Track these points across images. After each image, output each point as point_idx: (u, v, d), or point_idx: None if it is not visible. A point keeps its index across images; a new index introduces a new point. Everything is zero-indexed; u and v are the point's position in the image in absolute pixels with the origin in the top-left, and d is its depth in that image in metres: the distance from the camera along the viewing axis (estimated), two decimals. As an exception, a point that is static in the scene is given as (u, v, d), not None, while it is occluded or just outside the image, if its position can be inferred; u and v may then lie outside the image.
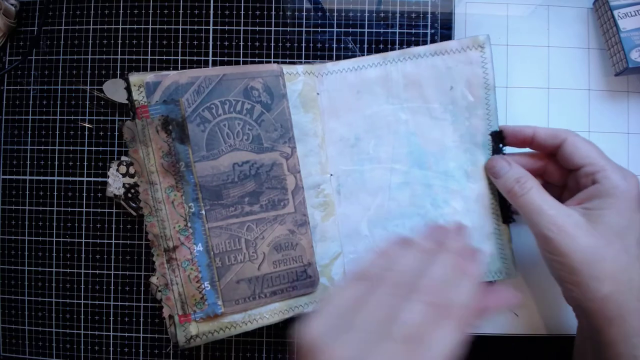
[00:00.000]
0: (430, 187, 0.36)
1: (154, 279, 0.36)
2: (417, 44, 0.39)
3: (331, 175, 0.37)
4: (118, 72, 0.39)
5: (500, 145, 0.35)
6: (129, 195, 0.35)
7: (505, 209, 0.36)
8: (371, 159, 0.37)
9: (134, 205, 0.34)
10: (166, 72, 0.34)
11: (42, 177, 0.40)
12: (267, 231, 0.35)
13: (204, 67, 0.38)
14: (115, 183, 0.36)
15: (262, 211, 0.35)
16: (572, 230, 0.30)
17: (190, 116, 0.34)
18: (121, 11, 0.40)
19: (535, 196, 0.31)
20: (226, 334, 0.34)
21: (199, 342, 0.34)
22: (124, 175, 0.36)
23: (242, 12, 0.39)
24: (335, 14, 0.39)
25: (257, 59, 0.39)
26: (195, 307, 0.33)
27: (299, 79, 0.36)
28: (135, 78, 0.33)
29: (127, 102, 0.34)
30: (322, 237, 0.36)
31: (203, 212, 0.34)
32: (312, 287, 0.35)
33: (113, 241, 0.39)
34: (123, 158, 0.37)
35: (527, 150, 0.35)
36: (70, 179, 0.40)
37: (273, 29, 0.39)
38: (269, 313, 0.35)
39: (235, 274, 0.34)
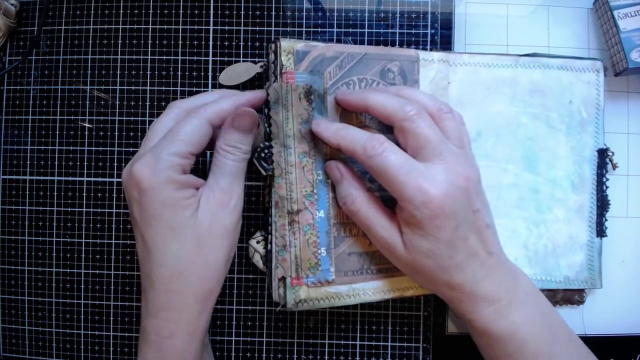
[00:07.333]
0: (538, 192, 0.37)
1: (253, 242, 0.36)
2: (417, 44, 0.39)
3: None
4: (118, 72, 0.39)
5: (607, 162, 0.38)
6: (262, 155, 0.34)
7: (601, 224, 0.37)
8: (488, 156, 0.37)
9: (265, 165, 0.34)
10: (315, 43, 0.35)
11: (42, 177, 0.40)
12: None
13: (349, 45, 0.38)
14: None
15: (380, 189, 0.35)
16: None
17: (330, 89, 0.35)
18: (121, 11, 0.40)
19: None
20: (330, 304, 0.34)
21: (305, 307, 0.34)
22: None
23: (242, 12, 0.39)
24: (335, 14, 0.39)
25: (257, 59, 0.39)
26: (309, 271, 0.34)
27: (433, 65, 0.36)
28: (286, 44, 0.34)
29: (262, 70, 0.36)
30: None
31: (329, 180, 0.34)
32: None
33: (113, 241, 0.39)
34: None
35: None
36: (70, 179, 0.40)
37: (273, 29, 0.39)
38: (372, 290, 0.35)
39: (348, 246, 0.35)
